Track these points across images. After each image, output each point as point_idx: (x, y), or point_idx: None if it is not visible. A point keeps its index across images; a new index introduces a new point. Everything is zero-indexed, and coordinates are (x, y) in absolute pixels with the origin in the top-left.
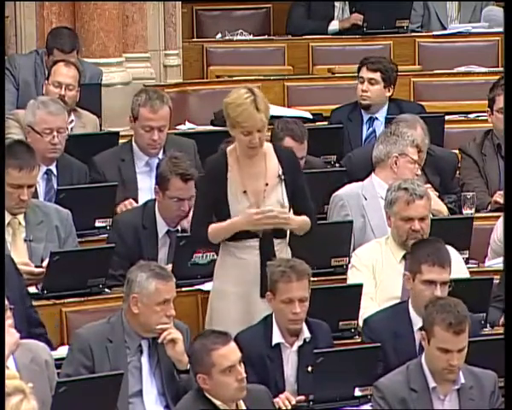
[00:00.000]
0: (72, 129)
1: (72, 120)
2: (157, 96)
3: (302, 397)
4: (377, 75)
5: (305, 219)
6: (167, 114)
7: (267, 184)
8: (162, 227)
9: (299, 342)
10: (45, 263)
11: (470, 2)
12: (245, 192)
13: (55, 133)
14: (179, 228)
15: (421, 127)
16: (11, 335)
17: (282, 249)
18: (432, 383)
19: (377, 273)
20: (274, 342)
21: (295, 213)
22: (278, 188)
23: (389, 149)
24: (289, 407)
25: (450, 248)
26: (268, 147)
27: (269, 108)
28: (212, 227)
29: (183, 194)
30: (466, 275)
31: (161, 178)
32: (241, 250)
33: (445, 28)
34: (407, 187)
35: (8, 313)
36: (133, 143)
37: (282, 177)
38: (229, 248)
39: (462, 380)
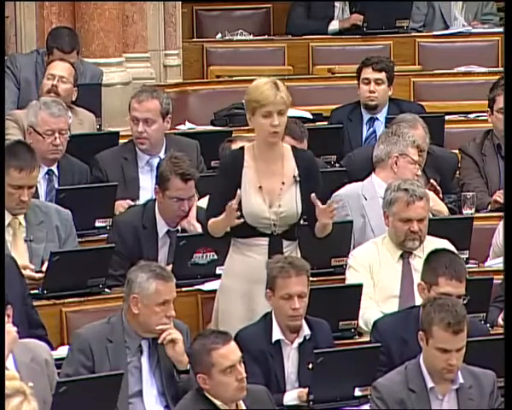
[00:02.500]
0: (69, 126)
1: (70, 117)
2: (148, 89)
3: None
4: (383, 75)
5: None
6: (154, 108)
7: (283, 183)
8: (162, 227)
9: (299, 339)
10: (45, 267)
11: (473, 2)
12: (260, 188)
13: (56, 135)
14: (179, 228)
15: (422, 126)
16: (9, 333)
17: (292, 251)
18: (430, 384)
19: (375, 273)
20: (274, 338)
21: (314, 217)
22: (293, 189)
23: (390, 149)
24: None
25: (446, 243)
26: (287, 149)
27: (289, 95)
28: (210, 224)
29: (183, 194)
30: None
31: (161, 178)
32: (249, 248)
33: (448, 27)
34: (407, 188)
35: (8, 312)
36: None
37: (298, 179)
38: (238, 245)
39: (461, 380)
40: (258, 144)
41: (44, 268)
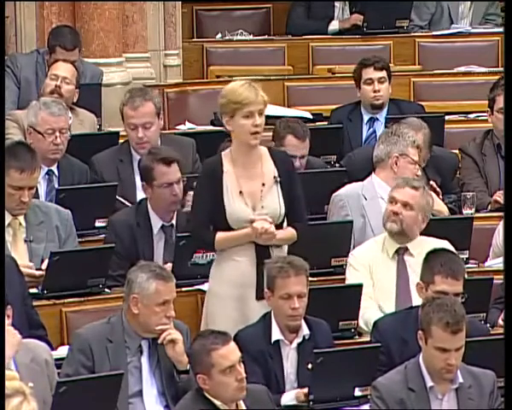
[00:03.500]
0: (70, 126)
1: (70, 117)
2: (140, 93)
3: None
4: (384, 73)
5: (287, 233)
6: (150, 111)
7: (264, 185)
8: (156, 223)
9: (298, 340)
10: (45, 265)
11: (481, 3)
12: (241, 193)
13: (57, 134)
14: (173, 222)
15: (424, 134)
16: (13, 335)
17: (279, 252)
18: (429, 383)
19: (374, 273)
20: (273, 339)
21: (289, 220)
22: (274, 190)
23: (390, 149)
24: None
25: (446, 244)
26: (264, 150)
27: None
28: (221, 236)
29: (170, 178)
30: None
31: (145, 172)
32: (237, 252)
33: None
34: (406, 178)
35: (9, 313)
36: (130, 145)
37: (278, 179)
38: (225, 250)
39: (461, 380)
40: (235, 149)
41: (44, 266)
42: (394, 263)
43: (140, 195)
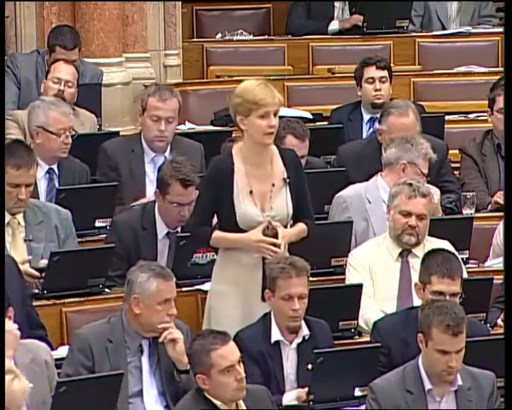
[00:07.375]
0: None
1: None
2: (166, 87)
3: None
4: (386, 73)
5: (298, 230)
6: (176, 107)
7: (274, 185)
8: (162, 229)
9: (298, 340)
10: (42, 264)
11: (469, 3)
12: (251, 193)
13: (67, 133)
14: (179, 230)
15: (413, 112)
16: (9, 332)
17: (283, 253)
18: (428, 385)
19: (374, 273)
20: (273, 339)
21: (296, 217)
22: (283, 191)
23: (400, 155)
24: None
25: (446, 244)
26: (274, 150)
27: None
28: (217, 236)
29: (182, 199)
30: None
31: (162, 182)
32: (241, 251)
33: (445, 28)
34: (412, 183)
35: (10, 314)
36: (142, 138)
37: (287, 180)
38: (229, 250)
39: (460, 382)
40: (247, 147)
41: (41, 265)
42: (398, 264)
43: (149, 188)
